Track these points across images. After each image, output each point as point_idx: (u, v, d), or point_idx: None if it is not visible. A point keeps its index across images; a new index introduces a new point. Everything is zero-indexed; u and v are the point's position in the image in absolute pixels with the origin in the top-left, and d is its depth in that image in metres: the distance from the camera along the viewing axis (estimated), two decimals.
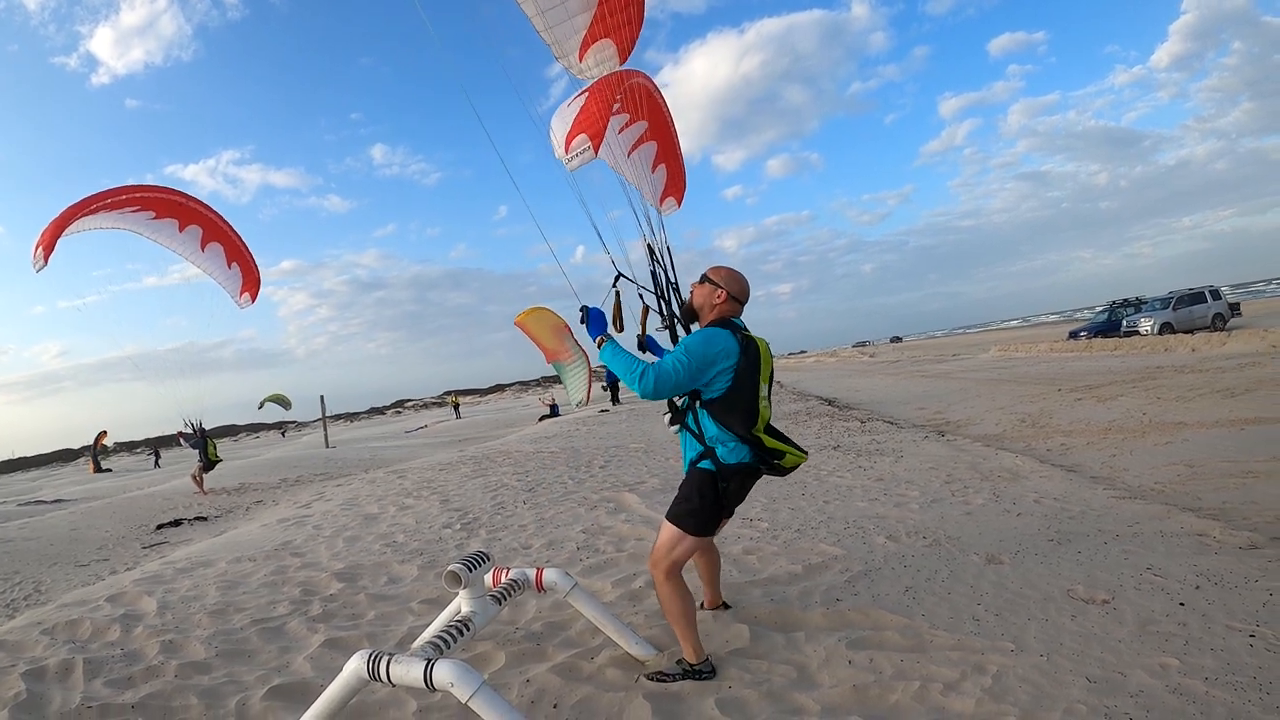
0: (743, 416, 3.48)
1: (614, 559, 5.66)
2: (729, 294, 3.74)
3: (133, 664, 4.14)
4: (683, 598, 3.59)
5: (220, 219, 11.21)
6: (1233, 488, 6.94)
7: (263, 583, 5.73)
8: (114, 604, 5.28)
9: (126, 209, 10.09)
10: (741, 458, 3.52)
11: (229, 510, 13.99)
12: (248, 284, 11.72)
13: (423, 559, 6.12)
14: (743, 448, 3.52)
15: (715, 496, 3.54)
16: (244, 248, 11.57)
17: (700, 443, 3.59)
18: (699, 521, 3.55)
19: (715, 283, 3.75)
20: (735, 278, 3.80)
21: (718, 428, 3.52)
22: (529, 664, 3.86)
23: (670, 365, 3.41)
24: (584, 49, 4.98)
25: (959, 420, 14.55)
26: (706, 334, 3.52)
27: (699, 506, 3.54)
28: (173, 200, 10.59)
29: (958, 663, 3.49)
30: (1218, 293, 33.76)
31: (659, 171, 6.87)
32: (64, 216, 9.33)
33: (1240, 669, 3.25)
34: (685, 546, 3.57)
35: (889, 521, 6.19)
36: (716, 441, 3.54)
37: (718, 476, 3.53)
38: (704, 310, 3.80)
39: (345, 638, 4.41)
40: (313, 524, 8.27)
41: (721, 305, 3.74)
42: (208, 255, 11.17)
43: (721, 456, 3.53)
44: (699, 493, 3.55)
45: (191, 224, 10.85)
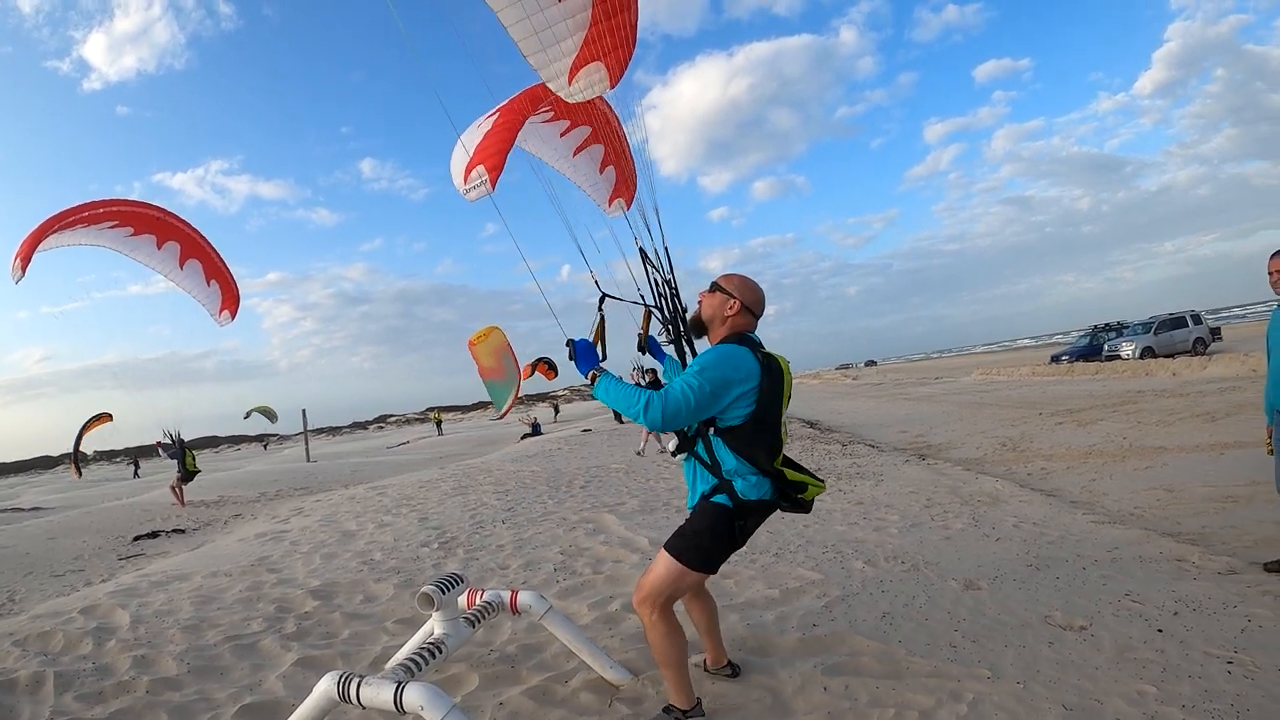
0: (766, 447, 3.14)
1: (591, 581, 5.63)
2: (743, 304, 3.34)
3: (104, 678, 4.11)
4: (677, 639, 3.23)
5: (198, 234, 11.10)
6: (1212, 512, 6.96)
7: (238, 598, 5.68)
8: (87, 616, 5.25)
9: (104, 223, 9.99)
10: (763, 493, 3.16)
11: (207, 523, 13.88)
12: (227, 301, 11.62)
13: (399, 578, 6.08)
14: (764, 481, 3.16)
15: (730, 535, 3.17)
16: (222, 264, 11.47)
17: (714, 475, 3.20)
18: (707, 559, 3.19)
19: (727, 291, 3.36)
20: (749, 286, 3.41)
21: (736, 459, 3.14)
22: (502, 687, 3.82)
23: (679, 392, 2.99)
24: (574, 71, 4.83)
25: (940, 444, 14.60)
26: (723, 352, 3.15)
27: (709, 544, 3.17)
28: (150, 215, 10.49)
29: (934, 690, 3.47)
30: (1199, 317, 34.05)
31: (607, 173, 6.74)
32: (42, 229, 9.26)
33: (1218, 696, 3.25)
34: (684, 583, 3.20)
35: (868, 546, 6.18)
36: (735, 474, 3.15)
37: (735, 514, 3.15)
38: (714, 323, 3.41)
39: (319, 657, 4.38)
40: (290, 539, 8.22)
41: (734, 318, 3.35)
42: (186, 273, 11.06)
43: (741, 491, 3.14)
44: (711, 531, 3.16)
45: (170, 240, 10.73)
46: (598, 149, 6.54)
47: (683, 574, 3.16)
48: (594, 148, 6.51)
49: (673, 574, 3.17)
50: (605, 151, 6.57)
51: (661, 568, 3.21)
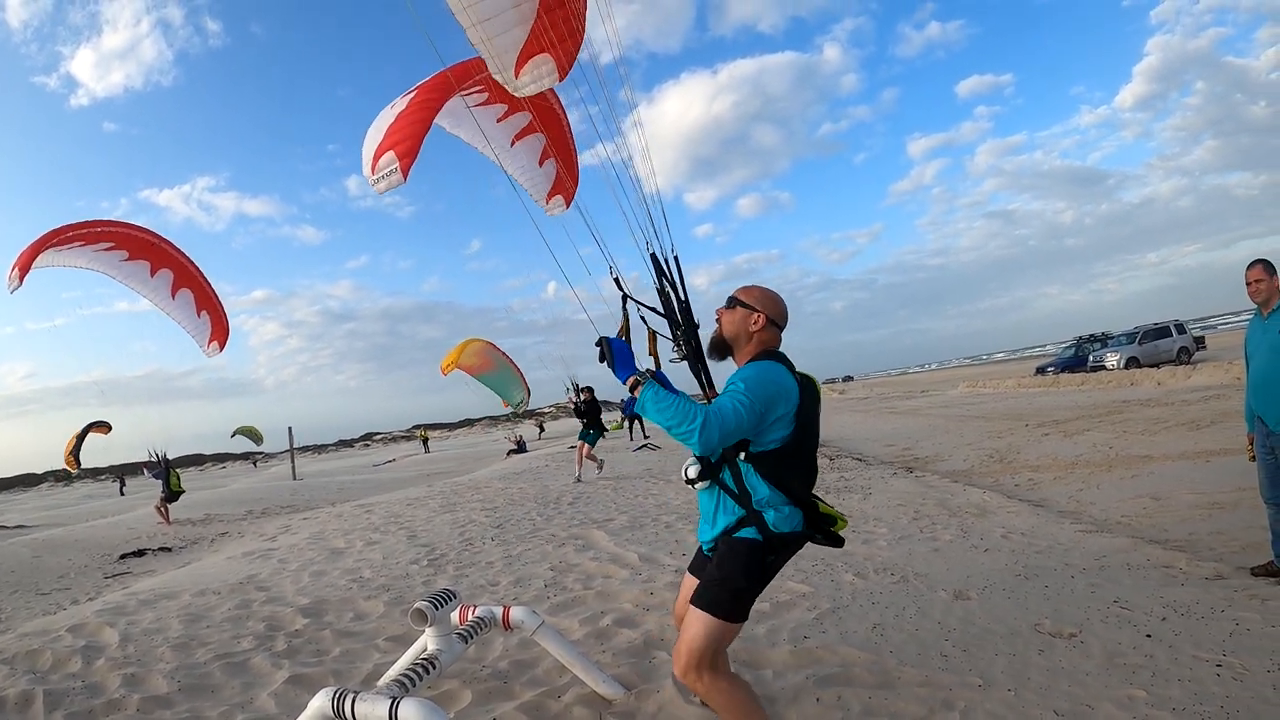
0: (804, 473, 2.93)
1: (581, 597, 5.62)
2: (768, 318, 3.06)
3: (94, 697, 4.09)
4: (742, 686, 2.90)
5: (191, 263, 11.07)
6: (1199, 519, 7.02)
7: (227, 616, 5.65)
8: (75, 635, 5.21)
9: (100, 244, 9.97)
10: (795, 525, 2.89)
11: (194, 541, 13.79)
12: (216, 333, 11.58)
13: (389, 595, 6.05)
14: (797, 512, 2.90)
15: (761, 573, 2.88)
16: (213, 294, 11.44)
17: (743, 506, 2.88)
18: (743, 605, 2.86)
19: (750, 305, 3.07)
20: (772, 298, 3.12)
21: (769, 488, 2.84)
22: (495, 702, 3.81)
23: (731, 408, 2.70)
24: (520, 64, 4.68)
25: (927, 456, 14.64)
26: (766, 369, 2.88)
27: (743, 587, 2.84)
28: (145, 240, 10.47)
29: (926, 699, 3.50)
30: (1183, 327, 34.27)
31: (547, 166, 6.34)
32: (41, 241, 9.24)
33: (1208, 699, 3.30)
34: (725, 637, 2.86)
35: (857, 559, 6.19)
36: (767, 505, 2.85)
37: (766, 548, 2.85)
38: (739, 341, 3.10)
39: (310, 674, 4.35)
40: (278, 557, 8.18)
41: (760, 332, 3.06)
42: (178, 303, 11.02)
43: (773, 523, 2.84)
44: (746, 571, 2.84)
45: (163, 268, 10.70)
46: (537, 139, 6.13)
47: (722, 629, 2.81)
48: (533, 137, 6.10)
49: (712, 632, 2.80)
50: (546, 142, 6.16)
51: (698, 627, 2.82)
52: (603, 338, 2.99)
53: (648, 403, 2.78)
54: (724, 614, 2.79)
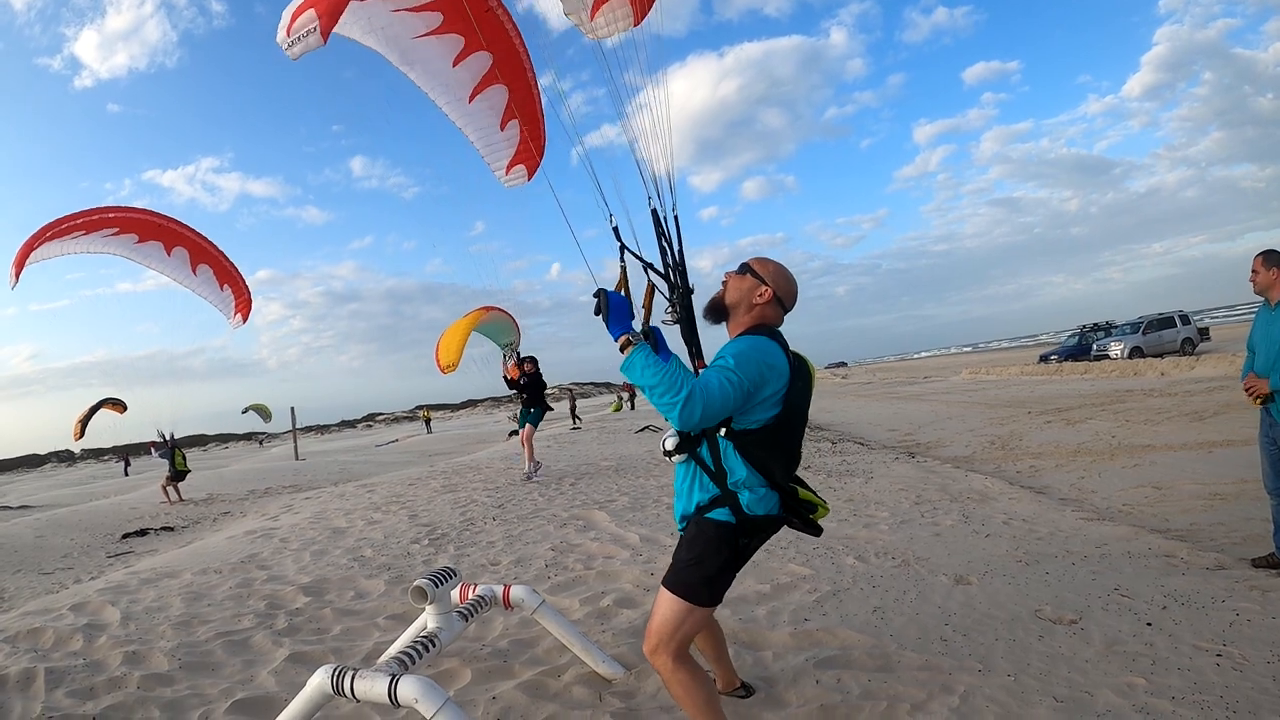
0: (785, 458, 2.82)
1: (582, 577, 5.64)
2: (775, 294, 2.92)
3: (95, 674, 4.10)
4: (702, 681, 2.81)
5: (205, 240, 11.07)
6: (1200, 510, 7.02)
7: (228, 595, 5.67)
8: (77, 613, 5.23)
9: (104, 230, 9.95)
10: (770, 508, 2.78)
11: (196, 521, 13.88)
12: (240, 305, 11.61)
13: (390, 574, 6.08)
14: (772, 495, 2.79)
15: (733, 556, 2.79)
16: (233, 268, 11.44)
17: (717, 485, 2.78)
18: (714, 589, 2.78)
19: (760, 277, 2.93)
20: (785, 276, 2.98)
21: (748, 468, 2.74)
22: (495, 681, 3.83)
23: (718, 384, 2.58)
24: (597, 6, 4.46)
25: (929, 442, 14.64)
26: (757, 344, 2.74)
27: (714, 572, 2.76)
28: (153, 222, 10.45)
29: (925, 683, 3.50)
30: (1187, 318, 34.22)
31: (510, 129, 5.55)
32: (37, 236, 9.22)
33: (1207, 688, 3.30)
34: (694, 621, 2.78)
35: (858, 542, 6.19)
36: (742, 486, 2.75)
37: (738, 530, 2.76)
38: (738, 309, 2.95)
39: (310, 652, 4.37)
40: (280, 537, 8.20)
41: (763, 307, 2.92)
42: (200, 278, 11.05)
43: (747, 505, 2.74)
44: (714, 552, 2.76)
45: (177, 246, 10.70)
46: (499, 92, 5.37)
47: (689, 611, 2.75)
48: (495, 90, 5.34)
49: (679, 613, 2.75)
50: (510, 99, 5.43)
51: (665, 608, 2.78)
52: (600, 289, 2.80)
53: (636, 364, 2.61)
54: (695, 598, 2.75)
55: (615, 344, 2.71)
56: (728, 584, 2.83)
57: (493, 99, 5.37)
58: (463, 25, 4.84)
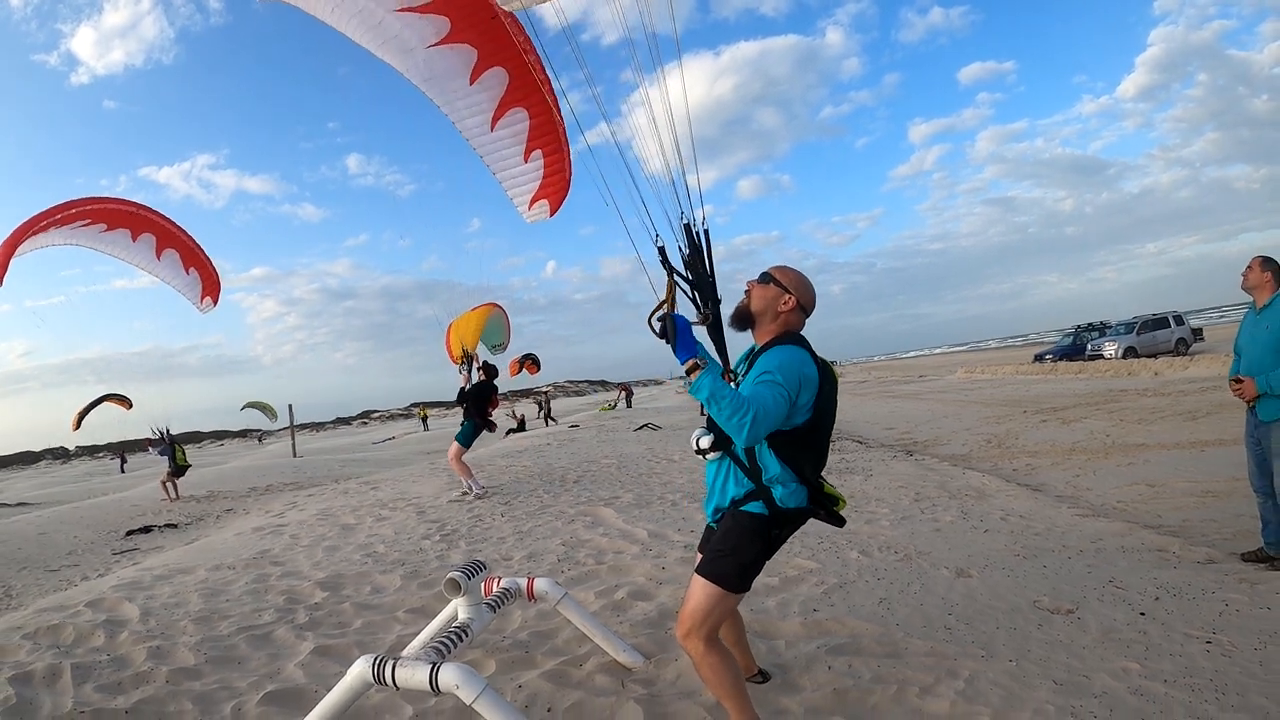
0: (816, 456, 2.99)
1: (595, 571, 5.76)
2: (798, 302, 3.08)
3: (121, 669, 4.12)
4: (730, 665, 3.03)
5: (173, 224, 11.00)
6: (1192, 506, 7.19)
7: (245, 591, 5.73)
8: (94, 610, 5.22)
9: (77, 223, 9.96)
10: (800, 501, 2.96)
11: (199, 518, 13.92)
12: (207, 288, 11.57)
13: (405, 569, 6.17)
14: (803, 489, 2.96)
15: (766, 547, 3.00)
16: (200, 252, 11.39)
17: (751, 480, 2.97)
18: (745, 576, 3.00)
19: (784, 286, 3.08)
20: (805, 283, 3.15)
21: (781, 466, 2.91)
22: (519, 671, 3.94)
23: (773, 400, 2.73)
24: None
25: (926, 440, 14.79)
26: (796, 356, 2.90)
27: (748, 560, 2.98)
28: (123, 210, 10.43)
29: (932, 668, 3.66)
30: (1181, 318, 34.34)
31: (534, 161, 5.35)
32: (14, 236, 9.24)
33: (1198, 673, 3.47)
34: (726, 607, 3.01)
35: (861, 537, 6.34)
36: (776, 481, 2.93)
37: (771, 522, 2.96)
38: (764, 317, 3.10)
39: (334, 645, 4.45)
40: (289, 533, 8.26)
41: (788, 315, 3.08)
42: (164, 263, 11.01)
43: (780, 499, 2.92)
44: (750, 543, 2.96)
45: (144, 232, 10.63)
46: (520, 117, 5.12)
47: (723, 598, 2.96)
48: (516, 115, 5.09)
49: (713, 599, 2.96)
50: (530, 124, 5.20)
51: (699, 595, 2.99)
52: (668, 314, 3.01)
53: (705, 387, 2.76)
54: (728, 585, 2.95)
55: (682, 366, 2.88)
56: (758, 572, 3.04)
57: (515, 125, 5.18)
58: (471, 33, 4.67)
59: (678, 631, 3.06)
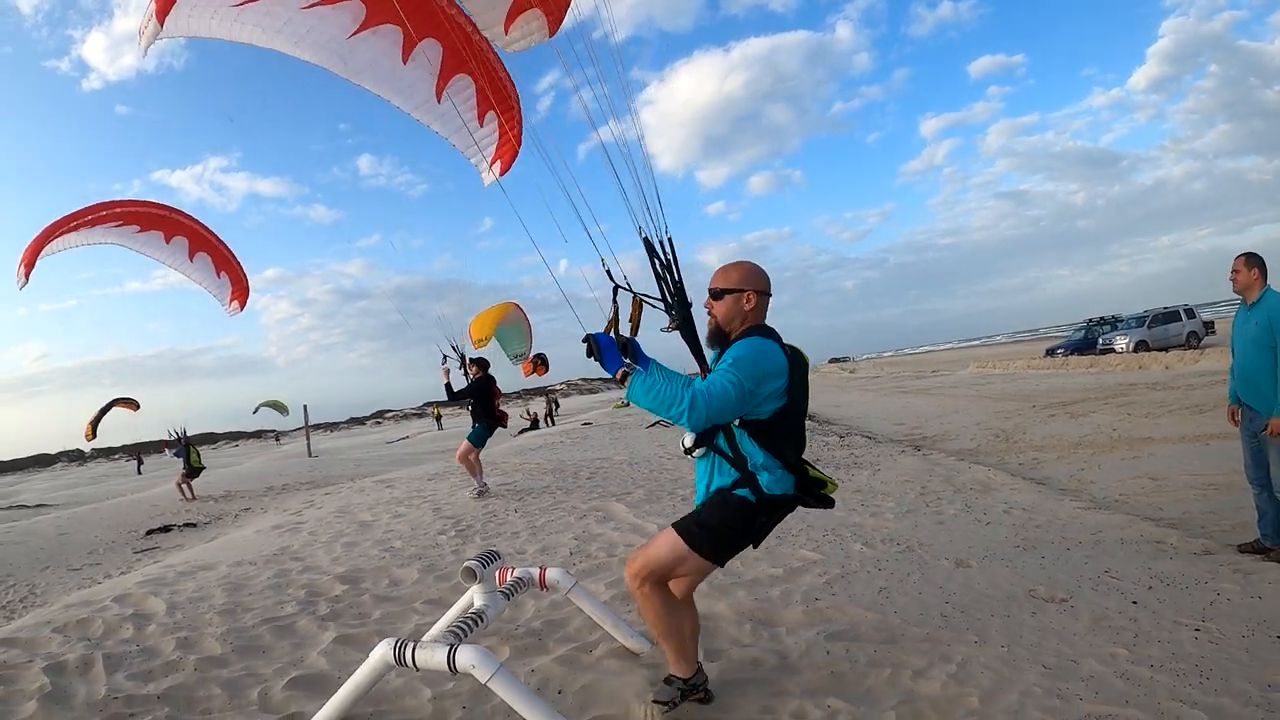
0: (795, 442, 3.07)
1: (606, 563, 5.90)
2: (757, 292, 3.13)
3: (151, 659, 4.27)
4: (673, 609, 3.18)
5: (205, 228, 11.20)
6: (1194, 499, 7.31)
7: (267, 585, 5.86)
8: (121, 604, 5.35)
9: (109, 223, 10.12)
10: (786, 488, 3.05)
11: (218, 517, 14.13)
12: (237, 292, 11.75)
13: (422, 563, 6.31)
14: (789, 476, 3.05)
15: (746, 529, 3.08)
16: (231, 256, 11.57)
17: (738, 469, 3.04)
18: (717, 549, 3.07)
19: (737, 289, 3.12)
20: (751, 270, 3.18)
21: (764, 453, 3.00)
22: (532, 656, 4.10)
23: (721, 386, 2.80)
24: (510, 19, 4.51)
25: (935, 435, 14.90)
26: (758, 345, 2.97)
27: (725, 536, 3.06)
28: (154, 213, 10.59)
29: (926, 653, 3.81)
30: (1192, 311, 34.28)
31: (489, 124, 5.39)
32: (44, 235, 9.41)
33: (1185, 658, 3.60)
34: (686, 566, 3.09)
35: (865, 530, 6.49)
36: (761, 468, 3.01)
37: (757, 508, 3.02)
38: (734, 324, 3.16)
39: (356, 634, 4.60)
40: (308, 530, 8.40)
41: (753, 310, 3.13)
42: (196, 265, 11.19)
43: (766, 485, 3.00)
44: (730, 522, 3.04)
45: (177, 235, 10.80)
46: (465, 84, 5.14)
47: (686, 556, 3.05)
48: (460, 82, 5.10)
49: (676, 553, 3.06)
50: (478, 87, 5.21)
51: (665, 546, 3.09)
52: (588, 335, 3.09)
53: (637, 389, 2.86)
54: (694, 544, 3.03)
55: (614, 379, 2.98)
56: (730, 550, 3.13)
57: (463, 92, 5.16)
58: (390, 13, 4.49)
59: (628, 567, 3.19)
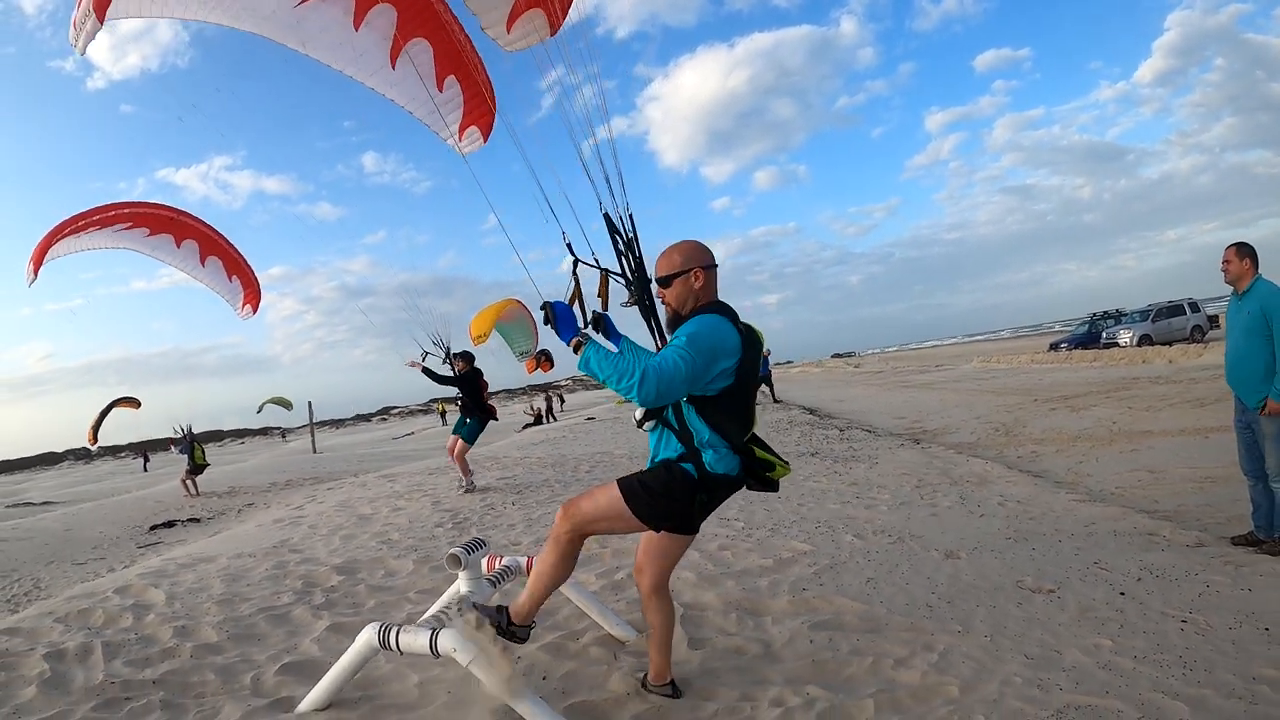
0: (740, 422, 3.02)
1: (598, 554, 5.92)
2: (702, 268, 3.09)
3: (149, 646, 4.34)
4: (565, 568, 3.24)
5: (214, 232, 11.25)
6: (1190, 492, 7.32)
7: (265, 576, 5.93)
8: (122, 595, 5.42)
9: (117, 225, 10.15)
10: (730, 468, 3.04)
11: (221, 512, 14.20)
12: (249, 296, 11.79)
13: (417, 555, 6.36)
14: (734, 457, 3.04)
15: (687, 504, 3.04)
16: (242, 259, 11.63)
17: (684, 444, 3.03)
18: (653, 514, 3.05)
19: (681, 271, 3.10)
20: (691, 248, 3.15)
21: (710, 431, 2.99)
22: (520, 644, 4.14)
23: (673, 362, 2.77)
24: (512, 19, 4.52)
25: (935, 429, 14.91)
26: (710, 322, 2.95)
27: (663, 504, 3.04)
28: (163, 215, 10.60)
29: (909, 642, 3.83)
30: (1197, 305, 34.21)
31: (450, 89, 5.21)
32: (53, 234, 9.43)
33: (1169, 649, 3.61)
34: (616, 522, 3.12)
35: (858, 522, 6.52)
36: (707, 446, 3.00)
37: (698, 485, 3.01)
38: (686, 305, 3.12)
39: (348, 623, 4.64)
40: (308, 524, 8.46)
41: (702, 286, 3.10)
42: (208, 270, 11.21)
43: (709, 463, 3.00)
44: (671, 491, 3.02)
45: (187, 238, 10.80)
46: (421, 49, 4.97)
47: (621, 513, 3.05)
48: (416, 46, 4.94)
49: (613, 508, 3.06)
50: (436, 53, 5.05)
51: (604, 498, 3.10)
52: (545, 302, 3.08)
53: (590, 361, 2.89)
54: (632, 503, 3.02)
55: (569, 347, 3.01)
56: (664, 519, 3.09)
57: (418, 58, 4.96)
58: None
59: (562, 509, 3.19)
